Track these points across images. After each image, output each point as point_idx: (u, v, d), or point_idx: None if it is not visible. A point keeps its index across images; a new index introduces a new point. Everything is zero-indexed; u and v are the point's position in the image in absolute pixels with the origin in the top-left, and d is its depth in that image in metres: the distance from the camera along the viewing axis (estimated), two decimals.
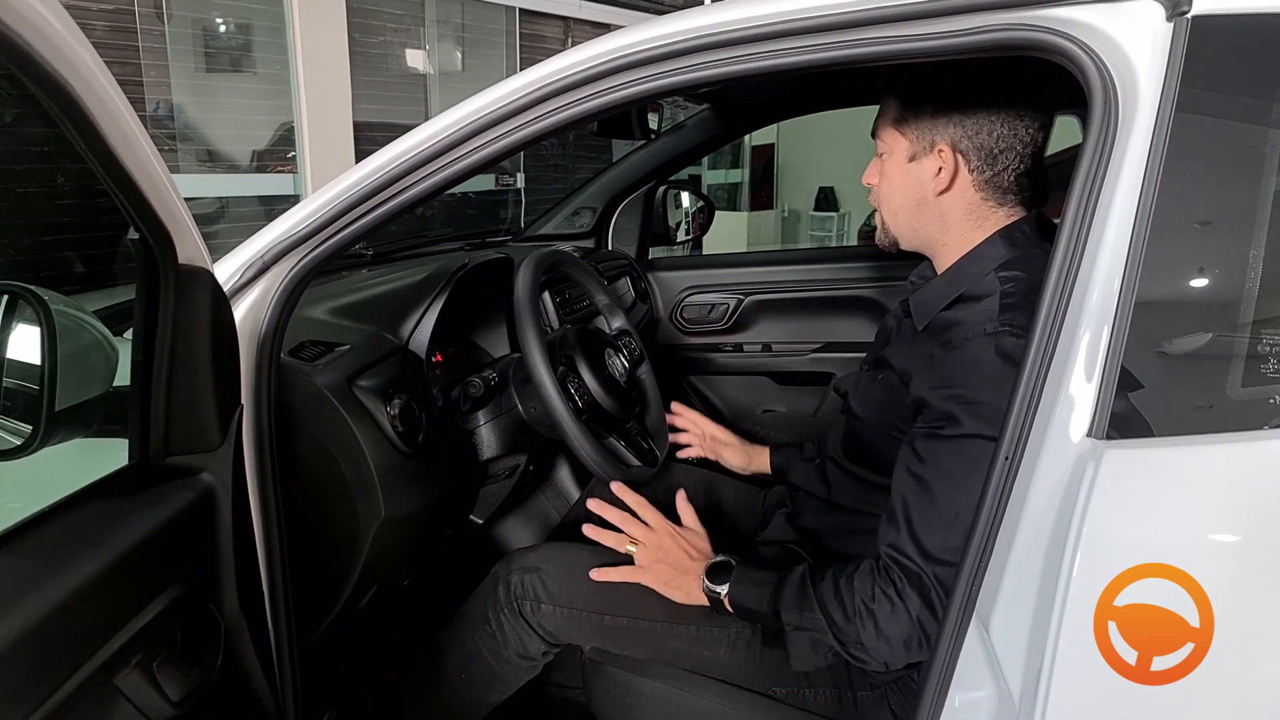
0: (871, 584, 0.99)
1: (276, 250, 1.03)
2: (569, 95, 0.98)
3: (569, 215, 2.11)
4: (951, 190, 1.08)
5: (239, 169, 4.32)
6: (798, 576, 1.04)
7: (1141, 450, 0.79)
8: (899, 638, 0.96)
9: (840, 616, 1.00)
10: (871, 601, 0.98)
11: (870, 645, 0.98)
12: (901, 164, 1.10)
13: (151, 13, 3.85)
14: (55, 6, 0.56)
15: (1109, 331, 0.80)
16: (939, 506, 0.96)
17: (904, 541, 0.97)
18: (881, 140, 1.13)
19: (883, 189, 1.14)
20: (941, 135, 1.06)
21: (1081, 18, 0.83)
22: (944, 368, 0.99)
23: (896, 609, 0.96)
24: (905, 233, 1.15)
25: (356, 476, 1.09)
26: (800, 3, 0.91)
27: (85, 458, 0.91)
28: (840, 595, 1.00)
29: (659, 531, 1.16)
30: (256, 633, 0.94)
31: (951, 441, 0.96)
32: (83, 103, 0.60)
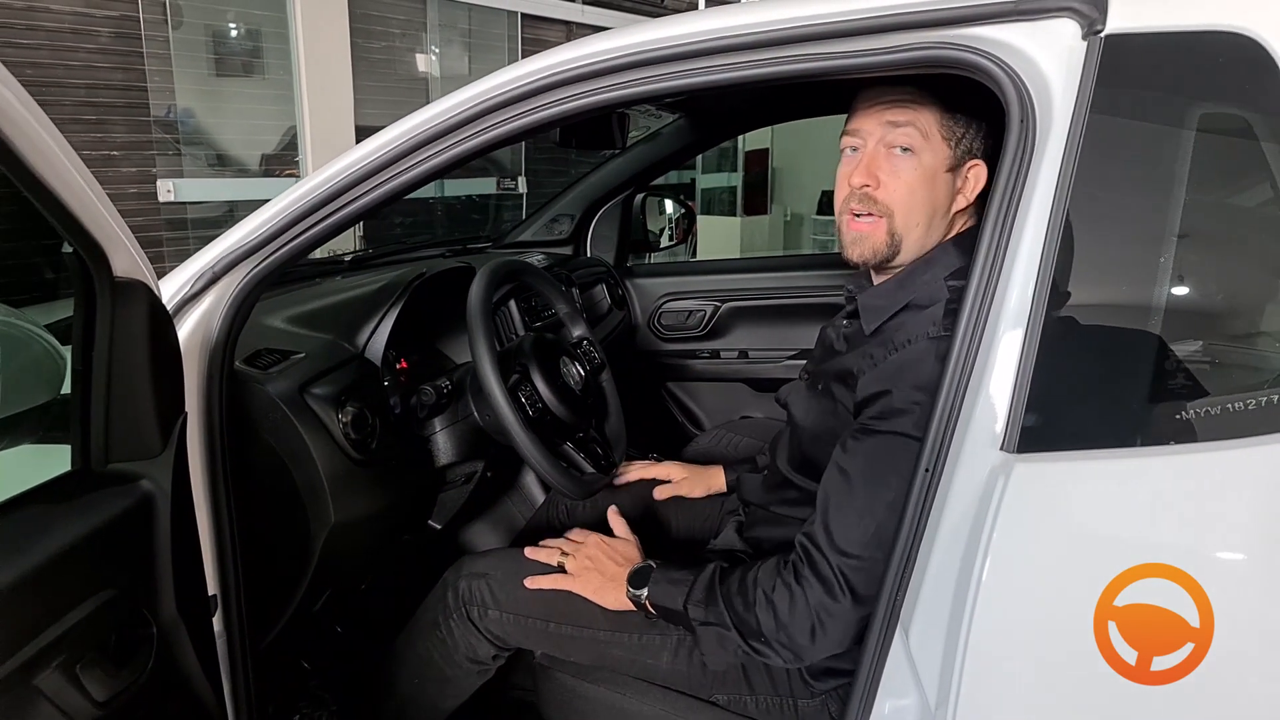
0: (774, 576, 1.00)
1: (227, 261, 1.05)
2: (514, 107, 1.00)
3: (547, 222, 2.13)
4: (970, 206, 1.06)
5: (247, 173, 4.36)
6: (708, 574, 1.06)
7: (1049, 464, 0.80)
8: (798, 628, 0.97)
9: (742, 607, 1.01)
10: (771, 592, 0.99)
11: (770, 636, 0.99)
12: (939, 172, 1.03)
13: (157, 19, 3.90)
14: None
15: (1022, 345, 0.81)
16: (856, 501, 0.97)
17: (816, 531, 0.98)
18: (919, 131, 1.02)
19: (902, 194, 1.03)
20: (978, 149, 1.04)
21: (1000, 36, 0.85)
22: (884, 367, 1.00)
23: (795, 598, 0.97)
24: (912, 245, 1.06)
25: (306, 482, 1.11)
26: (725, 21, 0.93)
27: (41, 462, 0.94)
28: (744, 587, 1.02)
29: (587, 542, 1.20)
30: (199, 636, 0.96)
31: (878, 438, 0.97)
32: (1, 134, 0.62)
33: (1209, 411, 0.76)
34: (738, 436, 1.74)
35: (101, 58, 3.77)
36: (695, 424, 2.13)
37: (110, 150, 3.85)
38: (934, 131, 1.03)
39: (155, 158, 3.96)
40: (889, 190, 1.04)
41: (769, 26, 0.90)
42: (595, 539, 1.21)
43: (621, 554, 1.18)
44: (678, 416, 2.15)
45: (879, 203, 1.05)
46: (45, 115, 0.69)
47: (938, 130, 1.03)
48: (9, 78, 0.63)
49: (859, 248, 1.07)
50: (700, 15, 0.95)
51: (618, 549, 1.19)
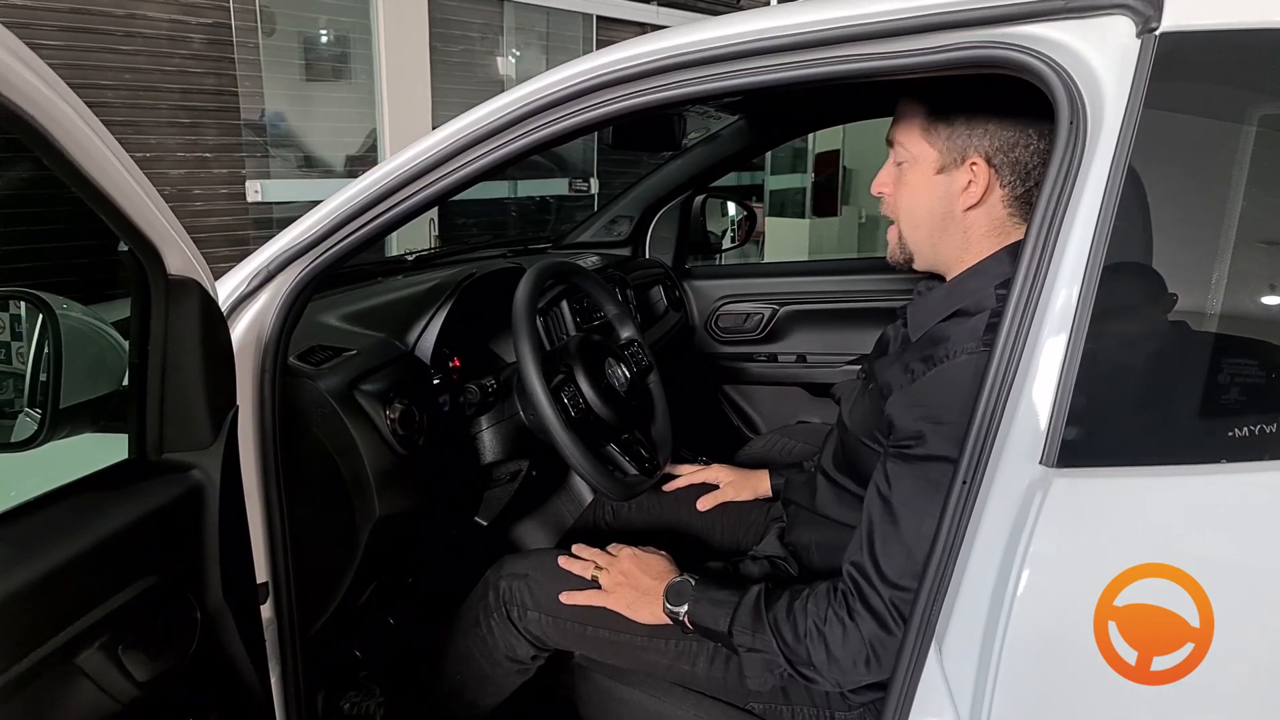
0: (826, 606, 0.98)
1: (280, 260, 1.09)
2: (555, 111, 1.01)
3: (606, 224, 2.15)
4: (980, 206, 1.03)
5: (331, 174, 4.50)
6: (753, 597, 1.04)
7: (1090, 480, 0.77)
8: (850, 660, 0.96)
9: (791, 638, 0.99)
10: (824, 624, 0.97)
11: (821, 667, 0.98)
12: (928, 175, 1.04)
13: (247, 26, 4.06)
14: (29, 57, 0.61)
15: (1064, 356, 0.78)
16: (901, 531, 0.94)
17: (865, 563, 0.96)
18: (902, 147, 1.06)
19: (902, 200, 1.08)
20: (975, 147, 1.01)
21: (1050, 34, 0.82)
22: (919, 385, 0.97)
23: (849, 632, 0.95)
24: (924, 249, 1.09)
25: (353, 476, 1.14)
26: (768, 22, 0.92)
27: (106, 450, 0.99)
28: (793, 616, 1.00)
29: (620, 556, 1.18)
30: (247, 622, 0.99)
31: (918, 464, 0.94)
32: (44, 131, 0.65)
33: (1265, 429, 0.72)
34: (793, 442, 1.72)
35: (195, 63, 3.94)
36: (751, 428, 2.12)
37: (203, 153, 4.02)
38: (916, 138, 1.05)
39: (244, 160, 4.12)
40: (896, 198, 1.10)
41: (813, 27, 0.89)
42: (628, 553, 1.19)
43: (655, 568, 1.17)
44: (733, 420, 2.13)
45: (890, 207, 1.11)
46: (96, 119, 0.72)
47: (920, 136, 1.04)
48: (58, 81, 0.66)
49: (888, 252, 1.15)
50: (742, 16, 0.94)
51: (651, 563, 1.18)
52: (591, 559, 1.21)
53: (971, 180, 1.02)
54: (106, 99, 3.61)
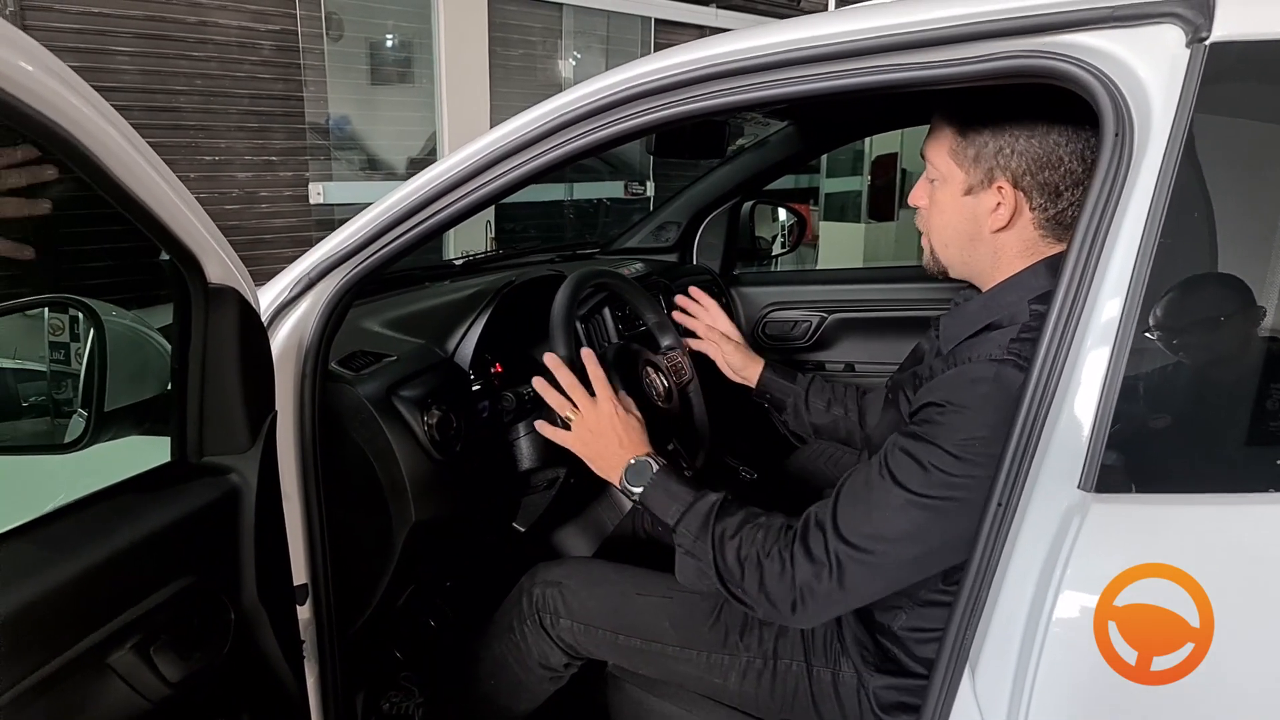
0: (773, 541, 0.98)
1: (323, 267, 1.11)
2: (613, 113, 1.01)
3: (654, 230, 2.14)
4: (1009, 229, 1.00)
5: (393, 176, 4.59)
6: (706, 504, 1.04)
7: (1130, 507, 0.74)
8: (780, 598, 0.96)
9: (732, 557, 0.99)
10: (765, 556, 0.97)
11: (750, 595, 0.98)
12: (956, 195, 1.03)
13: (313, 33, 4.16)
14: (32, 51, 0.63)
15: (1106, 375, 0.75)
16: (873, 493, 0.94)
17: (824, 511, 0.97)
18: (933, 165, 1.05)
19: (934, 218, 1.07)
20: (1002, 170, 0.98)
21: (1096, 44, 0.79)
22: (940, 380, 0.96)
23: (784, 570, 0.95)
24: (955, 264, 1.08)
25: (390, 481, 1.15)
26: (808, 31, 0.90)
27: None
28: (739, 537, 1.00)
29: (600, 411, 1.15)
30: (283, 623, 1.01)
31: (912, 440, 0.93)
32: (80, 145, 0.67)
33: None
34: (840, 452, 1.69)
35: (264, 69, 4.06)
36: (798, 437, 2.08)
37: (270, 156, 4.13)
38: (946, 158, 1.03)
39: (308, 163, 4.22)
40: (926, 214, 1.09)
41: (855, 36, 0.87)
42: (608, 408, 1.15)
43: (627, 436, 1.14)
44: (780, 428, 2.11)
45: (923, 221, 1.10)
46: (132, 130, 0.74)
47: (949, 156, 1.02)
48: (94, 95, 0.68)
49: (924, 258, 1.14)
50: (785, 25, 0.93)
51: (624, 430, 1.14)
52: (570, 396, 1.17)
53: (1000, 203, 0.99)
54: (179, 104, 3.74)
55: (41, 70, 0.62)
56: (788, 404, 1.49)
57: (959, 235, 1.04)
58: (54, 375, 1.14)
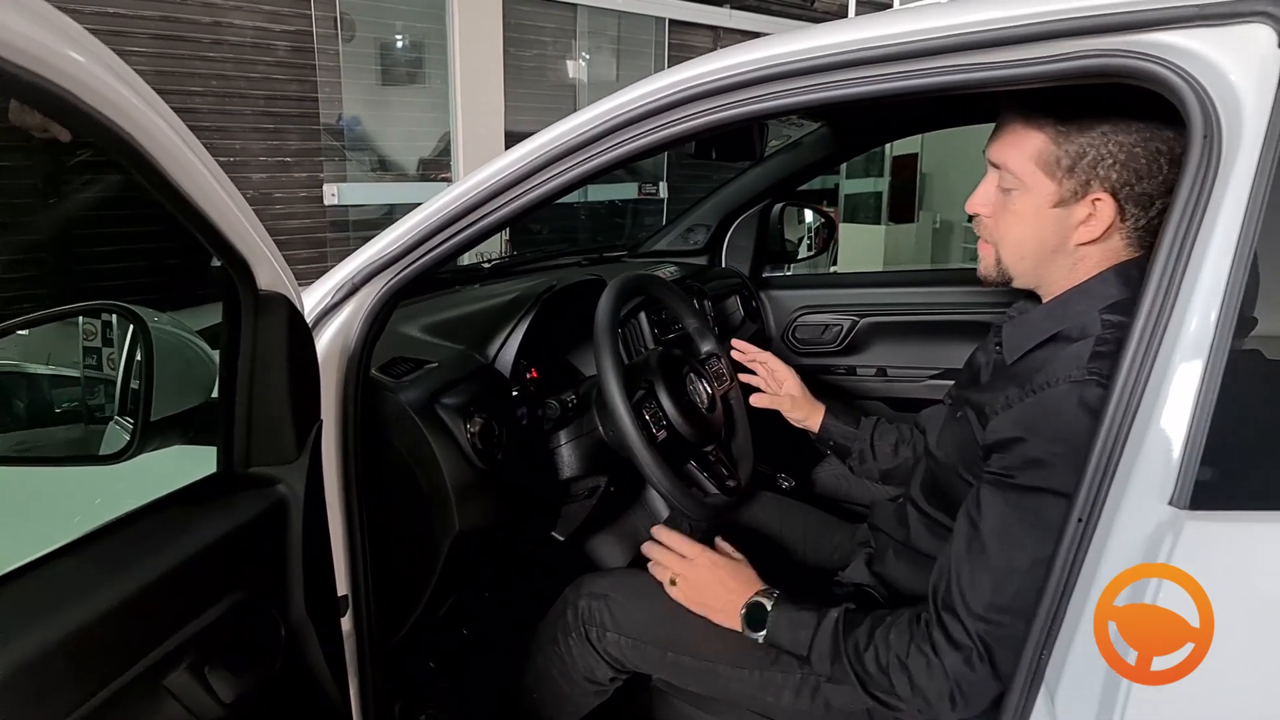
0: (909, 639, 0.94)
1: (366, 272, 1.08)
2: (664, 116, 0.98)
3: (683, 232, 2.12)
4: (1098, 241, 0.95)
5: (406, 177, 4.57)
6: (831, 623, 1.00)
7: (1227, 525, 0.71)
8: (935, 694, 0.91)
9: (874, 668, 0.95)
10: (906, 656, 0.93)
11: (905, 699, 0.94)
12: (1041, 207, 0.95)
13: (328, 33, 4.14)
14: (99, 52, 0.60)
15: (1199, 387, 0.72)
16: (991, 563, 0.89)
17: (951, 593, 0.92)
18: (1012, 173, 0.97)
19: (1009, 228, 1.00)
20: (1101, 181, 0.92)
21: (1182, 43, 0.76)
22: (1020, 412, 0.92)
23: (932, 666, 0.91)
24: (1026, 275, 1.02)
25: (433, 490, 1.13)
26: (889, 28, 0.87)
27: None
28: (874, 645, 0.96)
29: (697, 565, 1.12)
30: (327, 636, 0.99)
31: (1014, 493, 0.89)
32: (141, 148, 0.65)
33: None
34: None
35: (279, 70, 4.04)
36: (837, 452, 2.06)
37: (284, 157, 4.11)
38: (1032, 168, 0.95)
39: (323, 163, 4.20)
40: (995, 222, 1.02)
41: (925, 35, 0.84)
42: (705, 561, 1.12)
43: (730, 581, 1.10)
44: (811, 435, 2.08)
45: (988, 230, 1.04)
46: (190, 133, 0.72)
47: (1037, 166, 0.95)
48: (152, 95, 0.66)
49: (980, 266, 1.08)
50: (846, 25, 0.90)
51: (727, 576, 1.11)
52: (667, 564, 1.14)
53: (1091, 215, 0.94)
54: (194, 105, 3.72)
55: (95, 62, 0.59)
56: (853, 450, 1.44)
57: (1040, 248, 0.98)
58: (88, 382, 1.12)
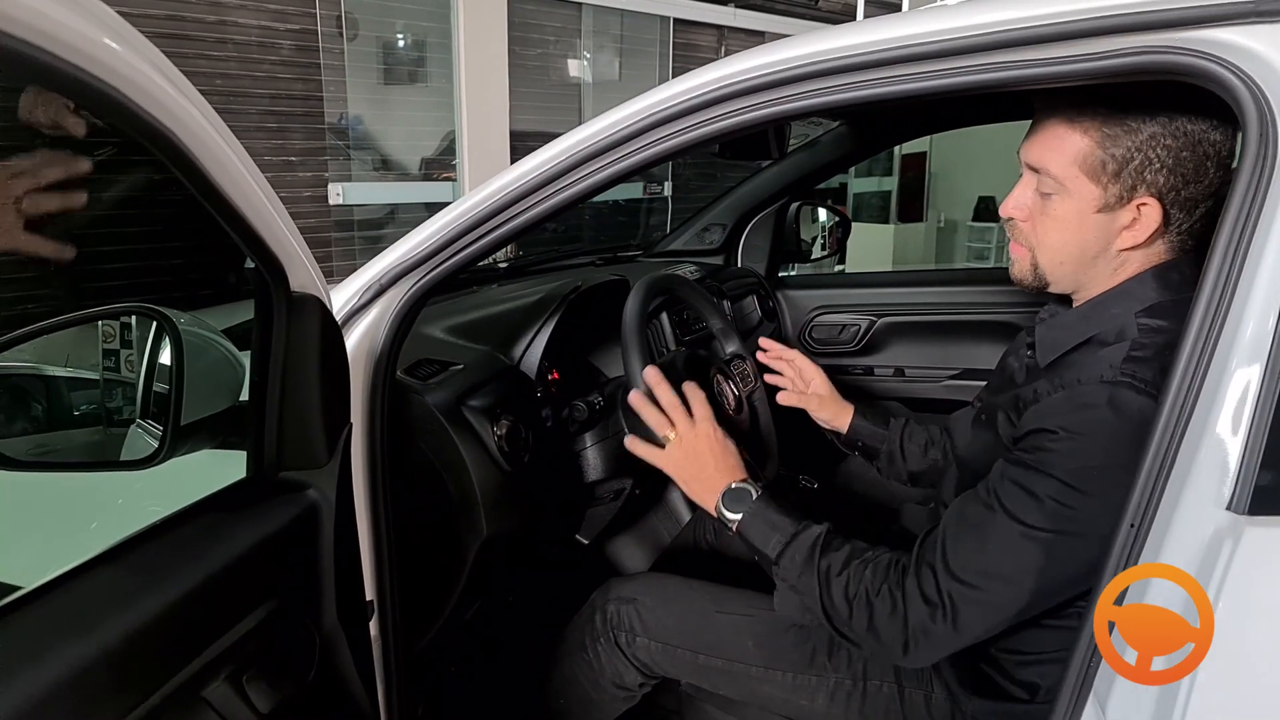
0: (882, 580, 0.94)
1: (394, 273, 1.07)
2: (694, 116, 0.97)
3: (699, 231, 2.10)
4: (1142, 246, 0.92)
5: (408, 176, 4.56)
6: (811, 536, 0.99)
7: None
8: (890, 638, 0.92)
9: (839, 595, 0.95)
10: (875, 595, 0.93)
11: (858, 634, 0.94)
12: (1085, 212, 0.92)
13: (333, 32, 4.12)
14: (154, 56, 0.59)
15: (1259, 389, 0.71)
16: (982, 526, 0.90)
17: (934, 550, 0.93)
18: (1053, 177, 0.93)
19: (1049, 235, 0.96)
20: (1148, 185, 0.89)
21: (1234, 39, 0.75)
22: (1046, 405, 0.91)
23: (896, 612, 0.91)
24: (1064, 281, 0.99)
25: (461, 495, 1.12)
26: (933, 25, 0.86)
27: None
28: (846, 573, 0.96)
29: (699, 432, 1.10)
30: (356, 643, 0.98)
31: (1019, 469, 0.89)
32: (186, 149, 0.63)
33: None
34: None
35: (283, 69, 4.02)
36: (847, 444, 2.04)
37: (289, 156, 4.10)
38: (1075, 172, 0.92)
39: (327, 163, 4.19)
40: (1033, 226, 0.99)
41: (969, 32, 0.83)
42: (709, 430, 1.10)
43: (725, 460, 1.09)
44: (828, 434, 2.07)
45: (1024, 234, 1.00)
46: (230, 132, 0.70)
47: (1080, 170, 0.91)
48: (194, 92, 0.64)
49: (1013, 269, 1.04)
50: (885, 22, 0.89)
51: (723, 454, 1.09)
52: (670, 418, 1.11)
53: (1136, 220, 0.91)
54: None
55: (132, 51, 0.57)
56: (881, 451, 1.42)
57: (1082, 254, 0.95)
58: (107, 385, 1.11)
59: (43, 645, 0.58)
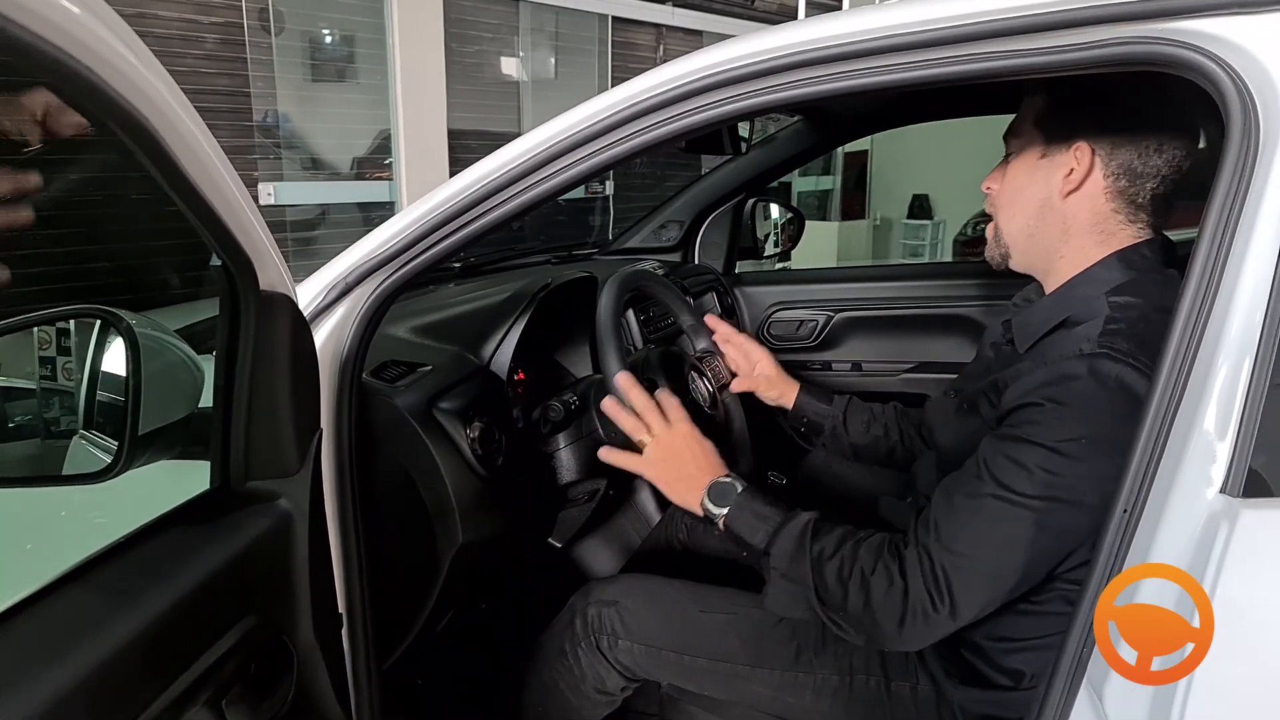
0: (877, 557, 0.94)
1: (360, 271, 1.02)
2: (663, 112, 0.95)
3: (656, 228, 2.08)
4: (1079, 192, 0.99)
5: (340, 176, 4.44)
6: (800, 523, 0.99)
7: None
8: (886, 614, 0.91)
9: (833, 577, 0.94)
10: (871, 573, 0.93)
11: (855, 615, 0.93)
12: (1031, 162, 1.02)
13: (259, 25, 3.99)
14: (129, 38, 0.55)
15: (1249, 371, 0.72)
16: (973, 500, 0.91)
17: (928, 523, 0.93)
18: (1015, 140, 1.05)
19: (1004, 192, 1.06)
20: (1083, 133, 0.98)
21: (1217, 30, 0.76)
22: (1028, 381, 0.93)
23: (894, 586, 0.91)
24: (1020, 241, 1.06)
25: (435, 501, 1.08)
26: (914, 15, 0.85)
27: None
28: (840, 555, 0.95)
29: (675, 432, 1.10)
30: (331, 658, 0.93)
31: (1011, 443, 0.90)
32: (159, 136, 0.59)
33: None
34: None
35: (208, 64, 3.87)
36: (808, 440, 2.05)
37: None
38: (1029, 127, 1.03)
39: (257, 162, 4.05)
40: (996, 194, 1.08)
41: (953, 21, 0.83)
42: (685, 430, 1.10)
43: (704, 458, 1.09)
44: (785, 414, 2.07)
45: (992, 202, 1.09)
46: (196, 114, 0.66)
47: (1032, 123, 1.02)
48: (159, 66, 0.59)
49: (986, 250, 1.12)
50: (872, 11, 0.88)
51: (701, 452, 1.09)
52: (645, 421, 1.11)
53: (1074, 167, 0.99)
54: None
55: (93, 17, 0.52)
56: (825, 427, 1.45)
57: (1029, 204, 1.03)
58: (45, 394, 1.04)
59: (15, 674, 0.53)
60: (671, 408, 1.12)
